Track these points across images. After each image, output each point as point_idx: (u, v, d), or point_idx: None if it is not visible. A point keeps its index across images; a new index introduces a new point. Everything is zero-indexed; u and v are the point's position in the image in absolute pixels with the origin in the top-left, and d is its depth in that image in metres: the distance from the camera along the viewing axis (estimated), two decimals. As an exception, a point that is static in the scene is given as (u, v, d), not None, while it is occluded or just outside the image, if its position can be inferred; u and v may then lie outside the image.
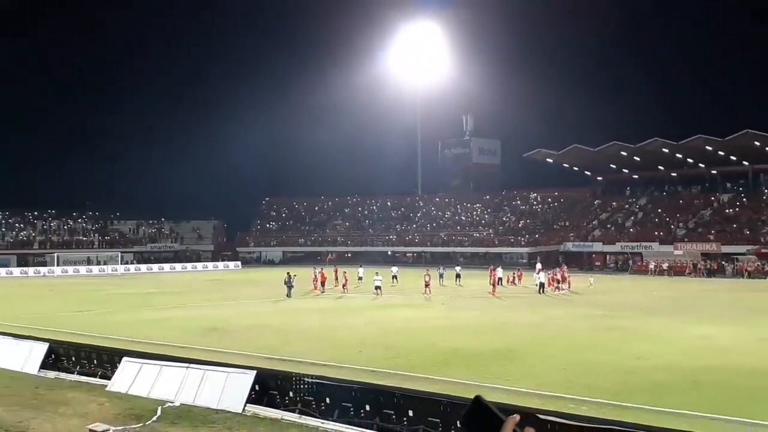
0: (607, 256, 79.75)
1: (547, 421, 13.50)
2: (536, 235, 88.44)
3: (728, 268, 67.29)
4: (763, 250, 67.49)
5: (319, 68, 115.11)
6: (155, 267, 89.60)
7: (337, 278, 52.26)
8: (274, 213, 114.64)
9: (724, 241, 71.20)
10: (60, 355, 24.00)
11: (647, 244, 76.33)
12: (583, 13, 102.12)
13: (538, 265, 54.95)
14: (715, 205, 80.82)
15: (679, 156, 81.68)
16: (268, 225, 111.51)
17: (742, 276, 64.39)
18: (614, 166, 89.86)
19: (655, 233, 78.41)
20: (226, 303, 42.56)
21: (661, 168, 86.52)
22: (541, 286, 47.36)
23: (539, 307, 38.79)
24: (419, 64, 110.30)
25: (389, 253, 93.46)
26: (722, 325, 29.41)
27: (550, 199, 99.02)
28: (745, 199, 79.90)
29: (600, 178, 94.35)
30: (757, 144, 73.99)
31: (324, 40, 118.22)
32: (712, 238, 73.00)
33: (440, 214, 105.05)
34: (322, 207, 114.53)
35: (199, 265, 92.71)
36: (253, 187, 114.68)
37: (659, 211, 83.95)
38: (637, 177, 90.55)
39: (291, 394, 17.95)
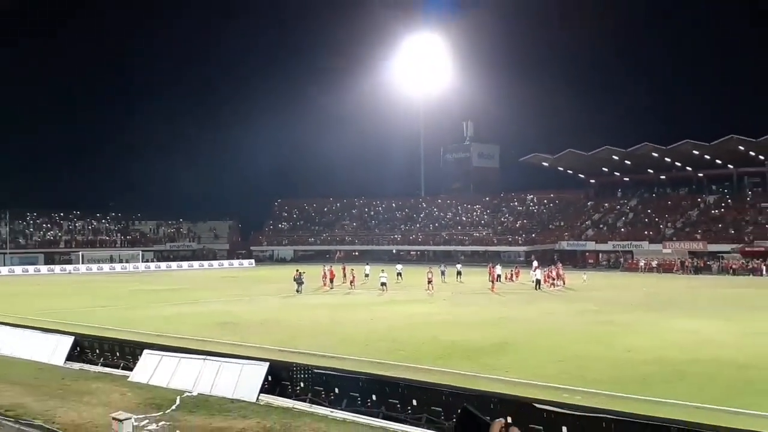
0: (600, 255, 79.64)
1: (543, 410, 13.51)
2: (533, 235, 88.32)
3: (714, 265, 67.11)
4: (747, 249, 67.33)
5: (329, 78, 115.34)
6: (174, 265, 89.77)
7: (345, 275, 52.27)
8: (285, 214, 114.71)
9: (710, 240, 71.11)
10: (85, 348, 24.08)
11: (637, 243, 76.26)
12: (578, 26, 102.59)
13: (535, 263, 54.86)
14: (702, 206, 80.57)
15: (668, 160, 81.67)
16: (280, 225, 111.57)
17: (728, 273, 64.15)
18: (606, 170, 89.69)
19: (645, 233, 78.25)
20: (241, 299, 42.54)
21: (651, 171, 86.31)
22: (538, 282, 47.29)
23: (536, 302, 38.73)
24: (422, 74, 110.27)
25: (394, 252, 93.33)
26: (708, 320, 29.31)
27: (545, 201, 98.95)
28: (729, 201, 79.61)
29: (593, 181, 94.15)
30: (741, 148, 73.89)
31: (333, 51, 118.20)
32: (699, 237, 72.87)
33: (442, 214, 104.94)
34: (330, 208, 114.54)
35: (215, 263, 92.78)
36: (266, 189, 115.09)
37: (649, 211, 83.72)
38: (627, 180, 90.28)
39: (302, 385, 17.99)
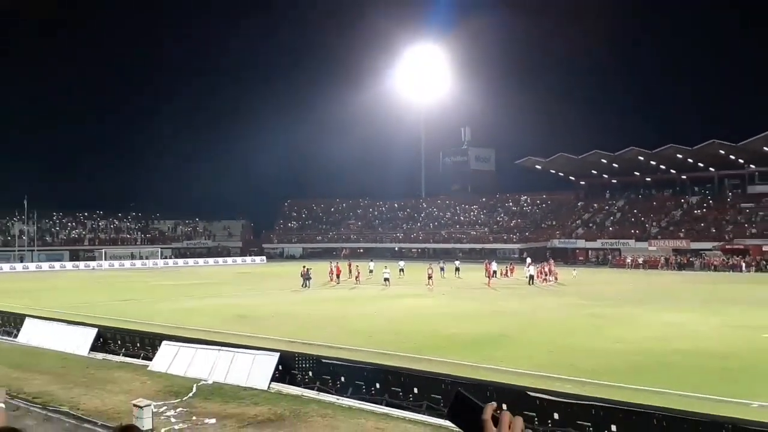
0: (589, 252, 79.52)
1: (536, 398, 13.53)
2: (526, 233, 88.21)
3: (696, 262, 66.94)
4: (727, 247, 67.23)
5: (335, 86, 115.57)
6: (191, 261, 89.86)
7: (350, 271, 52.33)
8: (295, 213, 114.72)
9: (692, 238, 71.07)
10: (107, 339, 24.12)
11: (625, 241, 76.19)
12: (570, 39, 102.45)
13: (528, 260, 54.86)
14: (685, 206, 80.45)
15: (653, 163, 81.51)
16: (289, 224, 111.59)
17: (709, 269, 63.97)
18: (595, 172, 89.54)
19: (632, 231, 78.16)
20: (253, 293, 42.54)
21: (637, 174, 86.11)
22: (531, 278, 47.27)
23: (529, 297, 38.69)
24: (423, 83, 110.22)
25: (396, 249, 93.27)
26: (691, 313, 29.26)
27: (538, 201, 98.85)
28: (711, 201, 79.48)
29: (583, 183, 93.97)
30: (722, 152, 73.75)
31: (340, 61, 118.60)
32: (682, 235, 72.79)
33: (441, 214, 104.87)
34: (337, 208, 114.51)
35: (229, 260, 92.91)
36: (276, 190, 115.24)
37: (635, 211, 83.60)
38: (615, 182, 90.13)
39: (310, 374, 18.01)
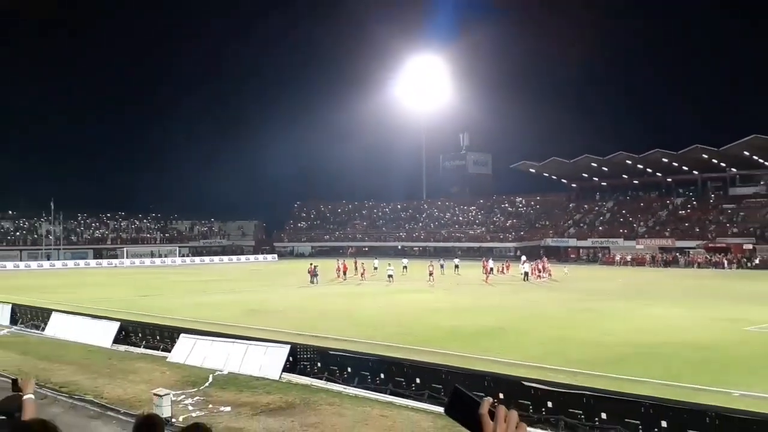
0: (580, 250, 79.34)
1: (531, 387, 13.51)
2: (521, 233, 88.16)
3: (681, 259, 66.81)
4: (710, 245, 67.06)
5: (342, 94, 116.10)
6: (206, 259, 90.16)
7: (356, 268, 52.32)
8: (304, 214, 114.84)
9: (677, 237, 70.98)
10: (129, 332, 24.13)
11: (614, 240, 76.06)
12: (563, 50, 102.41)
13: (523, 258, 54.72)
14: (670, 207, 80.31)
15: (640, 166, 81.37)
16: (299, 224, 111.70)
17: (693, 266, 63.88)
18: (586, 175, 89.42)
19: (620, 231, 78.01)
20: (264, 289, 42.59)
21: (625, 176, 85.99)
22: (526, 274, 47.21)
23: (524, 292, 38.68)
24: (424, 91, 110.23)
25: (399, 248, 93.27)
26: (676, 307, 29.19)
27: (533, 203, 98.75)
28: (695, 203, 79.40)
29: (574, 185, 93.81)
30: (705, 156, 73.71)
31: (346, 71, 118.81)
32: (668, 234, 72.69)
33: (442, 215, 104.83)
34: (344, 209, 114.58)
35: (243, 258, 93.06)
36: (287, 193, 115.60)
37: (623, 212, 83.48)
38: (605, 184, 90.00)
39: (319, 365, 18.00)
